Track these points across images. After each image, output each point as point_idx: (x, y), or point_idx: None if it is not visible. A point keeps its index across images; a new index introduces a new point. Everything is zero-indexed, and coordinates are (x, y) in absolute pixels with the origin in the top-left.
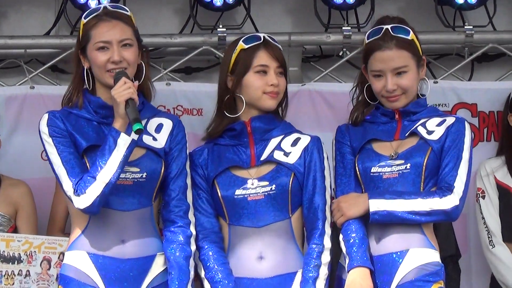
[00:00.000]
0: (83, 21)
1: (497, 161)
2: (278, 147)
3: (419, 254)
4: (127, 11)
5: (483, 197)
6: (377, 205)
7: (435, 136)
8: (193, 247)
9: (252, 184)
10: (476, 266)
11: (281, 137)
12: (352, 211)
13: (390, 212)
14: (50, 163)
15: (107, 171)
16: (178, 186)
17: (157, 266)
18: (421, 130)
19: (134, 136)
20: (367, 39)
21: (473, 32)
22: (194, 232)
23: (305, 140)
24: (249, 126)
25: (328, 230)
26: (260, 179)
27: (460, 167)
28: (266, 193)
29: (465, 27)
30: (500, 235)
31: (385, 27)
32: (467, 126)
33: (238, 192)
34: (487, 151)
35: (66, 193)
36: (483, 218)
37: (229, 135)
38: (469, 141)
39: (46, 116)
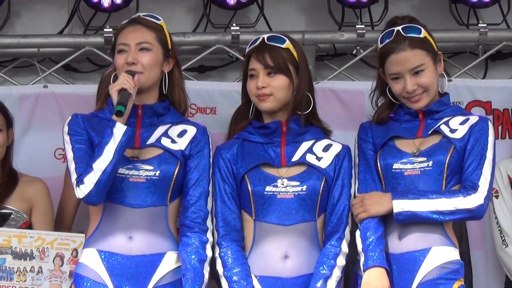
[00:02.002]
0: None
1: (511, 160)
2: (310, 150)
3: (441, 252)
4: (156, 20)
5: (497, 197)
6: (401, 205)
7: (458, 135)
8: (209, 253)
9: (282, 183)
10: (493, 262)
11: (312, 141)
12: (375, 209)
13: (414, 212)
14: (66, 160)
15: (103, 159)
16: (199, 192)
17: (167, 264)
18: (444, 128)
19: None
20: (380, 43)
21: (487, 30)
22: (210, 239)
23: (337, 147)
24: (284, 126)
25: (347, 236)
26: (290, 179)
27: (484, 166)
28: (296, 193)
29: (479, 25)
30: None
31: (396, 28)
32: (490, 125)
33: (268, 188)
34: (501, 149)
35: (73, 187)
36: (496, 218)
37: (260, 132)
38: (492, 140)
39: (69, 118)
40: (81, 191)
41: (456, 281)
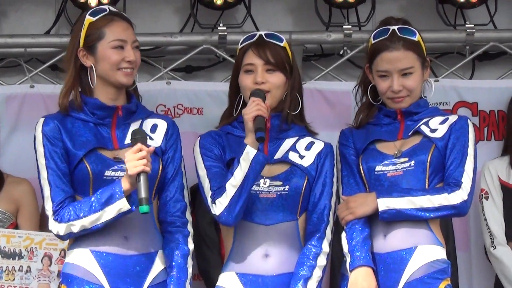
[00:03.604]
0: (91, 19)
1: (501, 161)
2: (293, 148)
3: (427, 251)
4: None
5: (487, 198)
6: (386, 203)
7: (438, 134)
8: (190, 246)
9: (265, 183)
10: (477, 265)
11: (295, 138)
12: (361, 210)
13: (399, 210)
14: (38, 170)
15: (91, 220)
16: (175, 186)
17: (159, 263)
18: (424, 129)
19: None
20: (373, 39)
21: (474, 30)
22: (191, 231)
23: (319, 146)
24: (268, 122)
25: (329, 235)
26: (273, 178)
27: (466, 163)
28: (278, 193)
29: (466, 25)
30: (502, 236)
31: (392, 27)
32: (470, 123)
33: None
34: (487, 150)
35: (45, 210)
36: (485, 219)
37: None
38: (473, 138)
39: (41, 121)
40: (56, 229)
41: (443, 281)
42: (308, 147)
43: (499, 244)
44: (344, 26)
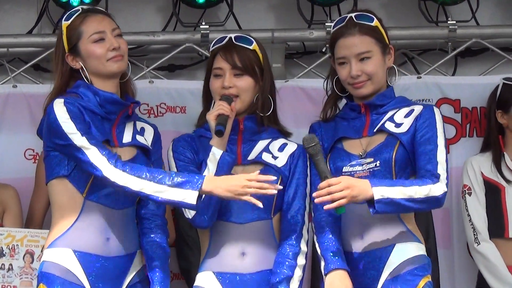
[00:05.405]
0: (66, 23)
1: (483, 157)
2: (266, 149)
3: (405, 248)
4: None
5: (470, 194)
6: (381, 192)
7: (403, 129)
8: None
9: None
10: (459, 263)
11: (268, 140)
12: (361, 197)
13: (392, 199)
14: (66, 144)
15: (155, 189)
16: None
17: (137, 263)
18: (388, 125)
19: None
20: (333, 29)
21: (456, 27)
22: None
23: (292, 147)
24: (241, 124)
25: (305, 235)
26: None
27: (438, 154)
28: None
29: (448, 22)
30: (485, 232)
31: (349, 15)
32: (436, 111)
33: None
34: (469, 147)
35: (91, 157)
36: (469, 215)
37: None
38: (441, 126)
39: (61, 100)
40: (113, 174)
41: (423, 278)
42: (281, 148)
43: (483, 240)
44: (326, 24)
